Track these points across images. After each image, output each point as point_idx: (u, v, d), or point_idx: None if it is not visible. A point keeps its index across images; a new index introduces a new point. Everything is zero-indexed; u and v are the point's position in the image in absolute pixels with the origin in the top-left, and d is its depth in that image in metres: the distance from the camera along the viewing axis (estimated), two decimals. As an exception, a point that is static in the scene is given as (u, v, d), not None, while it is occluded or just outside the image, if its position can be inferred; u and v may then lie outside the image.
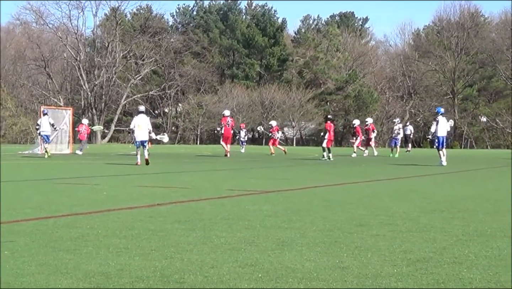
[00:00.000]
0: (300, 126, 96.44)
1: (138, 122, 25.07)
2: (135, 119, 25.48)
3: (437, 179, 19.33)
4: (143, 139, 24.95)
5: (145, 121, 25.19)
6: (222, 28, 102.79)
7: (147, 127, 25.04)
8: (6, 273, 5.50)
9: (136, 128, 25.01)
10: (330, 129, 32.30)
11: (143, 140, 24.97)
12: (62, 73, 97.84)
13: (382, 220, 8.93)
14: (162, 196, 12.38)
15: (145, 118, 25.35)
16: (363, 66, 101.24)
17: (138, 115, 25.57)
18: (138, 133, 24.93)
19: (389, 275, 5.52)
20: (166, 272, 5.57)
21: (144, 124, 25.03)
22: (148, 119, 25.57)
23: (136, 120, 25.26)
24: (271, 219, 8.99)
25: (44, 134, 34.31)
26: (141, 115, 25.40)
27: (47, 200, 11.58)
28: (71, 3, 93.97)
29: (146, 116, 25.76)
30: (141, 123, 25.02)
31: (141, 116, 25.30)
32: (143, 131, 24.93)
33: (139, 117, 25.31)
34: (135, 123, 25.11)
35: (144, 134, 24.98)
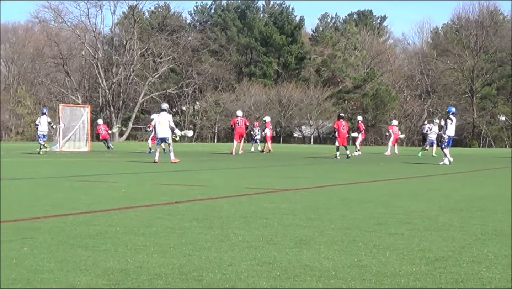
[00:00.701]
0: (318, 124, 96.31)
1: (159, 120, 25.23)
2: (157, 116, 25.63)
3: (455, 177, 19.26)
4: (163, 137, 25.06)
5: (167, 118, 25.27)
6: (240, 26, 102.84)
7: (169, 125, 25.12)
8: (26, 269, 5.52)
9: (157, 125, 25.17)
10: (339, 128, 32.17)
11: (164, 138, 25.09)
12: (80, 71, 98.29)
13: (400, 218, 8.90)
14: (180, 194, 12.40)
15: (167, 116, 25.42)
16: (381, 64, 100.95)
17: (160, 113, 25.67)
18: (159, 130, 25.06)
19: (408, 274, 5.50)
20: (185, 270, 5.58)
21: (165, 121, 25.12)
22: (170, 116, 25.63)
23: (158, 117, 25.39)
24: (289, 217, 8.97)
25: (41, 134, 34.71)
26: (163, 112, 25.50)
27: (66, 197, 11.62)
28: (89, 1, 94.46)
29: (168, 113, 25.80)
30: (162, 121, 25.15)
31: (162, 114, 25.41)
32: (164, 129, 25.03)
33: (161, 115, 25.48)
34: (157, 121, 25.24)
35: (165, 131, 25.07)
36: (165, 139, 25.11)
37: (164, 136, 25.08)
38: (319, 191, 13.70)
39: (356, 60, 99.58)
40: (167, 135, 25.17)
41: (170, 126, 25.13)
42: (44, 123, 35.18)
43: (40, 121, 35.47)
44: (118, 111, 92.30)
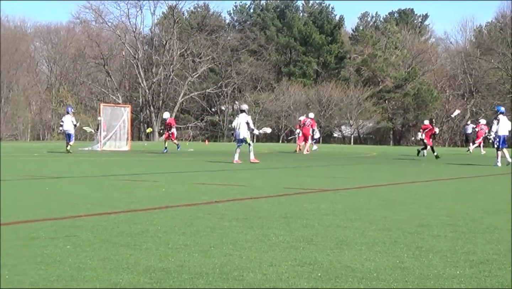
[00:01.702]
0: (358, 124, 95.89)
1: (238, 121, 25.47)
2: (237, 118, 25.78)
3: (500, 179, 18.99)
4: (242, 137, 25.25)
5: (245, 119, 25.41)
6: (279, 26, 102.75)
7: (248, 125, 25.25)
8: (69, 266, 5.57)
9: (236, 126, 25.34)
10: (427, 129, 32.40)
11: (243, 139, 25.22)
12: (121, 71, 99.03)
13: (443, 220, 8.82)
14: (220, 193, 12.42)
15: (246, 117, 25.53)
16: (423, 64, 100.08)
17: (239, 114, 25.89)
18: (239, 131, 25.28)
19: (451, 277, 5.44)
20: (225, 269, 5.58)
21: (244, 122, 25.26)
22: (249, 117, 25.76)
23: (238, 118, 25.64)
24: (330, 217, 8.94)
25: (67, 133, 34.87)
26: (242, 114, 25.64)
27: (107, 196, 11.71)
28: (129, 2, 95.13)
29: (247, 114, 25.91)
30: (242, 122, 25.30)
31: (242, 115, 25.61)
32: (243, 130, 25.24)
33: (240, 116, 25.66)
34: (237, 122, 25.49)
35: (244, 132, 25.29)
36: (244, 140, 25.23)
37: (243, 137, 25.25)
38: (360, 192, 13.64)
39: (396, 59, 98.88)
40: (246, 136, 25.29)
41: (249, 127, 25.26)
42: (67, 123, 35.38)
43: (64, 120, 35.82)
44: (158, 111, 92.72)
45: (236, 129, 25.55)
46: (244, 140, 25.30)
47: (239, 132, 25.33)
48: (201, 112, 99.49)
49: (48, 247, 6.44)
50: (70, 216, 8.79)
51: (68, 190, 13.06)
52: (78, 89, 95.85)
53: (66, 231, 7.47)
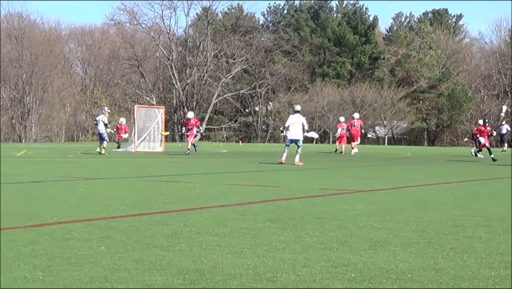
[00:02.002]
0: (392, 125, 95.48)
1: (293, 121, 25.21)
2: (290, 117, 25.56)
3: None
4: (296, 138, 25.15)
5: (301, 120, 25.30)
6: (313, 26, 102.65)
7: (302, 127, 25.19)
8: (103, 268, 5.60)
9: (291, 127, 25.18)
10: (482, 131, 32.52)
11: (297, 140, 25.16)
12: (155, 72, 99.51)
13: (478, 221, 8.75)
14: (254, 194, 12.42)
15: (301, 118, 25.41)
16: (457, 64, 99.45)
17: (294, 114, 25.60)
18: (292, 131, 25.12)
19: (486, 278, 5.40)
20: (259, 270, 5.58)
21: (299, 123, 25.16)
22: (304, 118, 25.63)
23: (292, 118, 25.38)
24: (364, 218, 8.91)
25: (101, 132, 34.83)
26: (297, 114, 25.46)
27: (142, 197, 11.76)
28: (163, 3, 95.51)
29: (302, 115, 25.81)
30: (296, 122, 25.16)
31: (296, 115, 25.40)
32: (298, 131, 25.09)
33: (295, 116, 25.39)
34: (290, 122, 25.26)
35: (298, 133, 25.16)
36: (297, 141, 25.16)
37: (296, 138, 25.15)
38: (394, 192, 13.57)
39: (431, 59, 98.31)
40: (299, 137, 25.21)
41: (303, 129, 25.17)
42: (100, 123, 35.40)
43: (98, 119, 35.90)
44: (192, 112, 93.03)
45: (289, 129, 25.27)
46: (297, 141, 25.18)
47: (294, 132, 25.12)
48: (235, 114, 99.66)
49: (82, 248, 6.48)
50: (104, 217, 8.84)
51: (102, 191, 13.14)
52: (112, 90, 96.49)
53: (100, 232, 7.51)
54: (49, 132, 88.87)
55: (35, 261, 5.85)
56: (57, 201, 10.90)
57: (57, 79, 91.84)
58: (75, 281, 5.17)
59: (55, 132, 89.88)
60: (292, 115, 25.60)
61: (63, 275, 5.34)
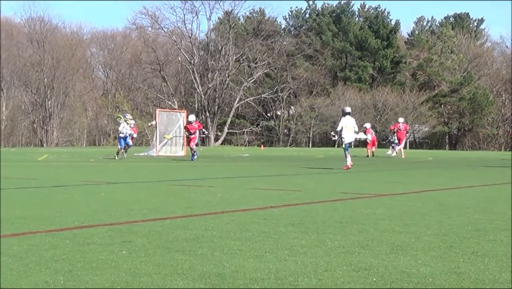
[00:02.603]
0: (414, 129, 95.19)
1: (346, 124, 24.73)
2: (342, 120, 25.00)
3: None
4: (351, 141, 24.90)
5: (352, 122, 24.98)
6: (335, 30, 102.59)
7: (354, 129, 24.94)
8: (125, 272, 5.61)
9: (344, 130, 24.65)
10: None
11: (352, 142, 24.95)
12: (177, 76, 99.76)
13: (499, 225, 8.71)
14: (275, 198, 12.41)
15: (352, 120, 25.08)
16: (478, 68, 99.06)
17: (345, 117, 25.05)
18: (347, 134, 24.65)
19: (507, 282, 5.37)
20: (280, 275, 5.58)
21: (351, 125, 24.86)
22: (354, 120, 25.30)
23: (344, 121, 24.85)
24: (385, 222, 8.89)
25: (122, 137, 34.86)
26: (348, 116, 24.99)
27: (163, 201, 11.78)
28: (185, 7, 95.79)
29: (352, 117, 25.44)
30: (349, 125, 24.80)
31: (348, 117, 24.95)
32: (351, 133, 24.75)
33: (346, 119, 24.90)
34: (342, 125, 24.75)
35: (352, 135, 24.89)
36: (352, 143, 24.86)
37: (352, 140, 24.89)
38: (416, 196, 13.51)
39: (452, 64, 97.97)
40: (352, 140, 25.02)
41: (355, 131, 24.88)
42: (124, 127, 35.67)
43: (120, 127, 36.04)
44: (214, 116, 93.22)
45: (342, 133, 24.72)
46: (352, 144, 24.81)
47: (348, 135, 24.66)
48: (257, 118, 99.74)
49: (104, 253, 6.51)
50: (125, 222, 8.87)
51: (124, 195, 13.18)
52: (134, 94, 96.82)
53: (121, 237, 7.54)
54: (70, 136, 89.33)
55: (57, 266, 5.88)
56: (78, 205, 10.95)
57: (79, 84, 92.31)
58: (96, 285, 5.19)
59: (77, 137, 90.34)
60: (343, 118, 24.99)
61: (84, 279, 5.37)
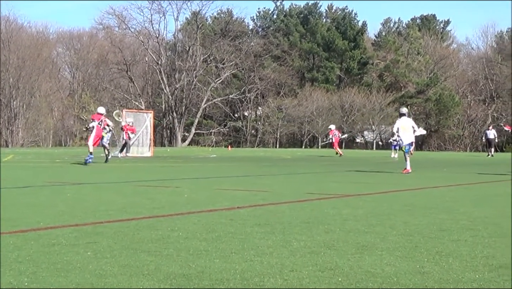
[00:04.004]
0: (380, 130, 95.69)
1: (402, 124, 24.20)
2: (398, 121, 24.47)
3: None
4: (410, 142, 24.32)
5: (410, 122, 24.44)
6: (302, 31, 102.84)
7: (412, 128, 24.32)
8: (90, 273, 5.60)
9: (401, 131, 24.12)
10: None
11: (411, 142, 24.38)
12: (144, 77, 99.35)
13: (463, 225, 8.80)
14: (242, 199, 12.43)
15: (409, 120, 24.59)
16: (445, 69, 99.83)
17: (401, 118, 24.50)
18: (405, 136, 24.12)
19: (471, 281, 5.43)
20: (246, 275, 5.59)
21: (409, 125, 24.21)
22: (411, 120, 24.80)
23: (399, 122, 24.34)
24: (351, 223, 8.94)
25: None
26: (404, 117, 24.41)
27: (130, 202, 11.74)
28: (152, 7, 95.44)
29: (408, 117, 24.89)
30: (406, 125, 24.18)
31: (404, 119, 24.37)
32: (409, 133, 24.13)
33: (402, 120, 24.35)
34: (398, 126, 24.23)
35: (411, 136, 24.24)
36: (411, 144, 24.48)
37: (411, 141, 24.31)
38: (382, 197, 13.60)
39: (419, 65, 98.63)
40: (413, 140, 24.52)
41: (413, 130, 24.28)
42: None
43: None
44: (181, 116, 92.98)
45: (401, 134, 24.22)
46: (412, 144, 24.44)
47: (406, 137, 24.10)
48: (224, 118, 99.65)
49: (69, 254, 6.48)
50: (91, 222, 8.83)
51: (90, 196, 13.12)
52: (101, 95, 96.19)
53: (87, 238, 7.51)
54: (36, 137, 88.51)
55: (21, 267, 5.84)
56: (43, 206, 10.88)
57: (45, 84, 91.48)
58: (61, 287, 5.17)
59: (42, 137, 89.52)
60: (399, 120, 24.52)
61: (49, 281, 5.34)
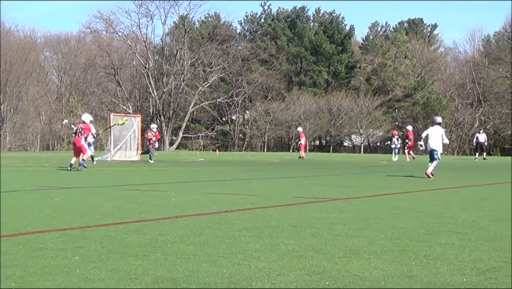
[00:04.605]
0: (368, 133, 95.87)
1: (431, 132, 24.73)
2: (429, 129, 25.02)
3: (509, 187, 18.97)
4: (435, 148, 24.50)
5: (440, 131, 24.81)
6: (290, 35, 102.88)
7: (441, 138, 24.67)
8: (77, 278, 5.59)
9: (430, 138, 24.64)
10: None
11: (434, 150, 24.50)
12: (131, 80, 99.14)
13: (451, 228, 8.83)
14: (230, 203, 12.43)
15: (440, 129, 24.95)
16: (432, 73, 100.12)
17: (434, 126, 25.00)
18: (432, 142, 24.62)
19: (458, 284, 5.45)
20: (234, 279, 5.59)
21: (439, 135, 24.60)
22: (442, 130, 25.15)
23: (430, 130, 24.90)
24: (339, 226, 8.95)
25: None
26: (437, 126, 24.87)
27: (117, 206, 11.72)
28: (140, 11, 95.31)
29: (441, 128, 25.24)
30: (434, 134, 24.62)
31: (436, 127, 24.82)
32: (437, 141, 24.53)
33: (434, 128, 24.85)
34: (428, 133, 24.83)
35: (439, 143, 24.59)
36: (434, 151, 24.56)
37: (435, 148, 24.56)
38: (370, 200, 13.63)
39: (406, 68, 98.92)
40: (438, 148, 24.65)
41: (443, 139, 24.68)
42: None
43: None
44: (169, 120, 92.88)
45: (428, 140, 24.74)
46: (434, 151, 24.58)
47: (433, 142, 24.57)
48: (212, 122, 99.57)
49: (56, 258, 6.46)
50: (79, 227, 8.81)
51: (77, 200, 13.09)
52: (88, 99, 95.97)
53: (74, 242, 7.49)
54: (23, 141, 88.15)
55: (8, 272, 5.83)
56: (31, 211, 10.85)
57: (32, 88, 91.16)
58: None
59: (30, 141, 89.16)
60: (431, 127, 25.08)
61: (36, 285, 5.33)
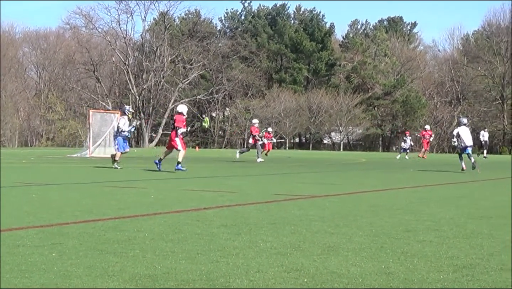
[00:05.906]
0: (348, 131, 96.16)
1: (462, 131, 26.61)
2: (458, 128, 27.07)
3: (485, 185, 19.12)
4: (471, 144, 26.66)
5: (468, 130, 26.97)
6: (270, 32, 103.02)
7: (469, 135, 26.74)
8: (55, 274, 5.56)
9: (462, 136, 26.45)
10: None
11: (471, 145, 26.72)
12: (111, 77, 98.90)
13: (429, 225, 8.86)
14: (209, 200, 12.42)
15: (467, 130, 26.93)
16: (411, 71, 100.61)
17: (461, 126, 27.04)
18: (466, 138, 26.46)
19: (435, 281, 5.47)
20: (212, 276, 5.59)
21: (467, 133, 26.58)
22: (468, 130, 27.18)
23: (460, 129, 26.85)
24: (317, 224, 8.96)
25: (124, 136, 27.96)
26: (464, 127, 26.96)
27: (96, 202, 11.68)
28: (120, 7, 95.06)
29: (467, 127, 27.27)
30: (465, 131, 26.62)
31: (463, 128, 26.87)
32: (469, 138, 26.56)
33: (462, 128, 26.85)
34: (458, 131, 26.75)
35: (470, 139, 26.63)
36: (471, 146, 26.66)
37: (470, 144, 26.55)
38: (348, 198, 13.66)
39: (386, 66, 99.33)
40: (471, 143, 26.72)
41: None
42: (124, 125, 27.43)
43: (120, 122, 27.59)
44: (148, 117, 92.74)
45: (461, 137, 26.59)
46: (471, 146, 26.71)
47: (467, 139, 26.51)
48: (192, 119, 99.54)
49: (33, 255, 6.43)
50: (56, 223, 8.77)
51: (56, 197, 13.02)
52: (67, 95, 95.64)
53: (52, 239, 7.45)
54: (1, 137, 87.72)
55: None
56: (8, 207, 10.78)
57: (11, 84, 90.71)
58: (25, 288, 5.13)
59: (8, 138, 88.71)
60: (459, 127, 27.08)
61: (13, 282, 5.30)
